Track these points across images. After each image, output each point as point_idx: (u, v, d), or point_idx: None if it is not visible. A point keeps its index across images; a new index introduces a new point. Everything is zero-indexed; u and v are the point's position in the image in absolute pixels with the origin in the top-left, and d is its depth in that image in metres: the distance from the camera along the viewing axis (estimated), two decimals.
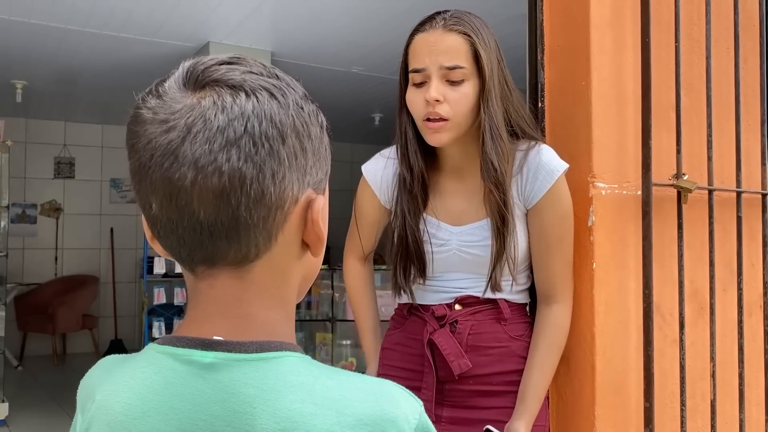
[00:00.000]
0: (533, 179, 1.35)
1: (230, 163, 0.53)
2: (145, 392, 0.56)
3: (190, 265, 0.59)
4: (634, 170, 1.49)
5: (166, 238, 0.57)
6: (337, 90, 5.78)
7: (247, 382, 0.54)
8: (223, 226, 0.55)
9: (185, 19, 4.14)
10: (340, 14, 4.07)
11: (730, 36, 1.63)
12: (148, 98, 0.57)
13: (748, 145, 1.70)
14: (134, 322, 7.32)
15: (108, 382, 0.59)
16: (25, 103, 5.96)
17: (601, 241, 1.45)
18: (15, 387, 5.36)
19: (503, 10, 3.81)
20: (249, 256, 0.57)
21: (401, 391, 0.58)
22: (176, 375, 0.55)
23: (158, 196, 0.55)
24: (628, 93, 1.51)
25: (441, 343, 1.37)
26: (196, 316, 0.59)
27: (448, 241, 1.39)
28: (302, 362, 0.56)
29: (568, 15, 1.53)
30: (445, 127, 1.31)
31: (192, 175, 0.53)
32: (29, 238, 7.01)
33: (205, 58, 0.58)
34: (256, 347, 0.55)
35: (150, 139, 0.55)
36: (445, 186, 1.42)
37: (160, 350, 0.57)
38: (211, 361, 0.55)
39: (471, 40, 1.29)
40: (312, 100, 0.61)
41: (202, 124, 0.54)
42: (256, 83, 0.56)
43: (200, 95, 0.55)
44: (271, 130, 0.55)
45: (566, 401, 1.50)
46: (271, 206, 0.56)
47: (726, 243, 1.63)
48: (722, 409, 1.56)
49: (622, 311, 1.47)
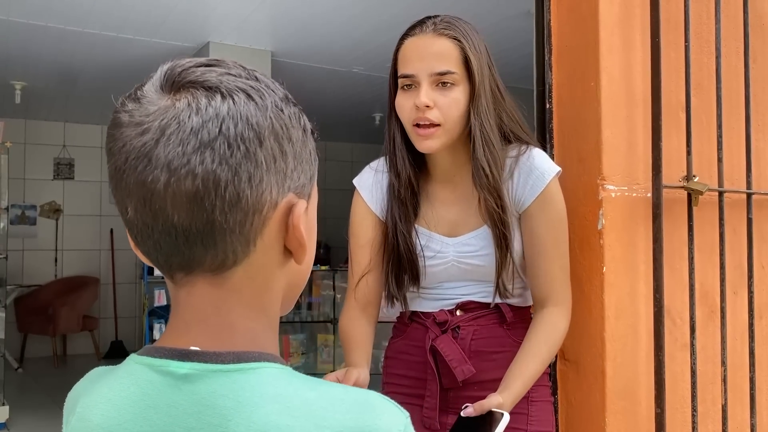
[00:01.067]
0: (524, 183, 1.32)
1: (204, 166, 0.52)
2: (122, 403, 0.55)
3: (168, 271, 0.57)
4: (644, 172, 1.47)
5: (144, 243, 0.56)
6: (337, 90, 5.76)
7: (223, 394, 0.52)
8: (198, 231, 0.53)
9: (185, 19, 4.12)
10: (340, 14, 4.05)
11: (740, 35, 1.60)
12: (127, 102, 0.56)
13: (758, 145, 1.68)
14: (135, 324, 7.30)
15: (89, 393, 0.59)
16: (25, 103, 5.94)
17: (611, 244, 1.43)
18: (15, 389, 5.34)
19: (508, 8, 3.79)
20: (227, 262, 0.55)
21: (385, 403, 0.55)
22: (152, 386, 0.54)
23: (133, 199, 0.54)
24: (637, 93, 1.49)
25: (443, 349, 1.35)
26: (176, 325, 0.57)
27: (444, 252, 1.36)
28: (281, 373, 0.55)
29: (576, 14, 1.51)
30: (435, 134, 1.28)
31: (165, 178, 0.52)
32: (29, 239, 6.99)
33: (184, 60, 0.57)
34: (232, 358, 0.54)
35: (125, 142, 0.54)
36: (437, 195, 1.40)
37: (139, 361, 0.56)
38: (186, 372, 0.53)
39: (461, 45, 1.28)
40: (294, 103, 0.59)
41: (176, 126, 0.52)
42: (233, 84, 0.55)
43: (176, 97, 0.54)
44: (247, 132, 0.53)
45: (575, 407, 1.47)
46: (248, 210, 0.54)
47: (736, 245, 1.61)
48: (733, 413, 1.54)
49: (633, 315, 1.45)
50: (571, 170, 1.50)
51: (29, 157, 7.01)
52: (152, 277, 5.01)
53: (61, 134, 7.17)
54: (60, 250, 7.14)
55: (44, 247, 7.08)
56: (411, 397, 1.40)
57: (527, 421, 1.34)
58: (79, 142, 7.22)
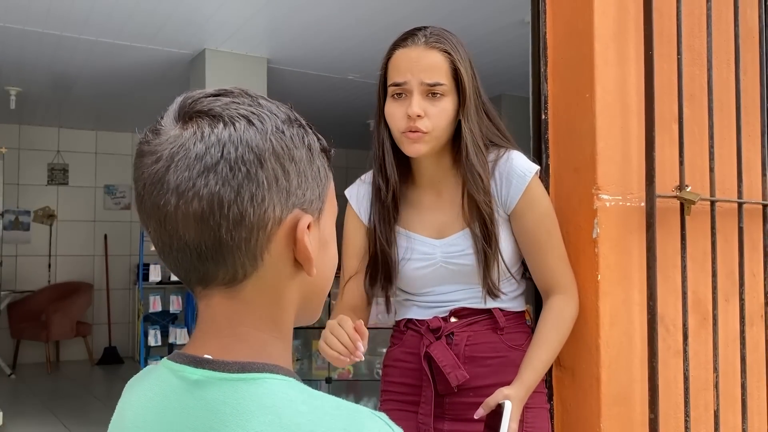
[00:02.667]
0: (507, 184, 1.38)
1: (208, 188, 0.56)
2: (148, 403, 0.60)
3: (189, 285, 0.63)
4: (638, 182, 1.50)
5: (166, 260, 0.62)
6: (332, 96, 5.78)
7: (224, 401, 0.56)
8: (208, 249, 0.58)
9: (181, 26, 4.14)
10: (336, 22, 4.08)
11: (731, 48, 1.64)
12: (148, 133, 0.61)
13: (749, 155, 1.71)
14: (128, 329, 7.28)
15: (130, 390, 0.64)
16: (19, 109, 5.94)
17: (606, 252, 1.45)
18: (8, 395, 5.32)
19: (505, 17, 3.82)
20: (237, 276, 0.60)
21: (375, 420, 0.57)
22: (171, 389, 0.59)
23: (152, 221, 0.60)
24: (631, 105, 1.52)
25: (437, 356, 1.37)
26: (196, 334, 0.63)
27: (431, 254, 1.40)
28: (282, 385, 0.57)
29: (572, 27, 1.54)
30: (423, 138, 1.34)
31: (175, 201, 0.57)
32: (22, 245, 6.97)
33: (197, 92, 0.61)
34: (238, 368, 0.58)
35: (143, 171, 0.60)
36: (422, 201, 1.45)
37: (165, 365, 0.62)
38: (197, 378, 0.58)
39: (451, 58, 1.33)
40: (301, 124, 0.62)
41: (183, 153, 0.57)
42: (235, 112, 0.59)
43: (184, 127, 0.59)
44: (248, 154, 0.57)
45: (571, 413, 1.50)
46: (252, 227, 0.58)
47: (728, 254, 1.64)
48: (725, 419, 1.56)
49: (627, 323, 1.48)
50: (567, 180, 1.53)
51: (23, 162, 7.00)
52: (147, 283, 5.01)
53: (55, 140, 7.16)
54: (54, 256, 7.12)
55: (38, 253, 7.06)
56: (407, 404, 1.43)
57: (522, 428, 1.36)
58: (73, 148, 7.22)
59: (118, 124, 7.06)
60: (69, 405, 5.19)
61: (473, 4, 3.70)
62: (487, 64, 4.32)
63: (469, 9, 3.73)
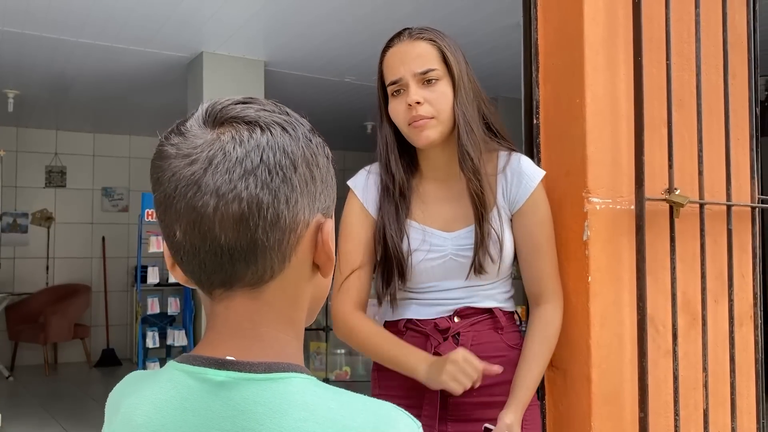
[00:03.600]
0: (517, 183, 1.42)
1: (248, 191, 0.58)
2: (163, 406, 0.60)
3: (208, 288, 0.63)
4: (628, 185, 1.52)
5: (189, 263, 0.62)
6: (329, 99, 5.81)
7: (255, 401, 0.57)
8: (243, 249, 0.60)
9: (179, 29, 4.16)
10: (333, 25, 4.10)
11: (719, 53, 1.66)
12: (171, 136, 0.62)
13: (738, 159, 1.73)
14: (126, 331, 7.29)
15: (132, 395, 0.64)
16: (17, 111, 5.95)
17: (596, 254, 1.48)
18: (6, 397, 5.33)
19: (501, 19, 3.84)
20: (264, 277, 0.62)
21: (400, 414, 0.61)
22: (191, 392, 0.59)
23: (182, 223, 0.60)
24: (621, 110, 1.54)
25: None
26: (212, 337, 0.63)
27: (442, 246, 1.42)
28: (307, 383, 0.60)
29: (563, 34, 1.56)
30: (430, 124, 1.38)
31: (214, 203, 0.58)
32: (20, 247, 6.98)
33: (222, 99, 0.64)
34: (264, 368, 0.59)
35: (174, 172, 0.60)
36: (431, 194, 1.47)
37: (179, 368, 0.62)
38: (222, 380, 0.59)
39: (437, 44, 1.39)
40: (318, 133, 0.66)
41: (222, 156, 0.59)
42: (270, 119, 0.62)
43: (219, 131, 0.61)
44: (284, 159, 0.60)
45: (562, 412, 1.52)
46: (286, 229, 0.61)
47: (717, 255, 1.66)
48: (714, 418, 1.59)
49: (617, 323, 1.50)
50: (558, 183, 1.55)
51: (21, 164, 7.01)
52: (145, 284, 5.03)
53: (53, 142, 7.18)
54: (52, 258, 7.13)
55: (36, 255, 7.07)
56: (408, 408, 1.41)
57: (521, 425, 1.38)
58: (71, 150, 7.23)
59: (115, 126, 7.08)
60: (67, 407, 5.21)
61: (470, 6, 3.73)
62: (484, 66, 4.34)
63: (465, 11, 3.76)
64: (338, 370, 4.79)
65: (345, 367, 4.63)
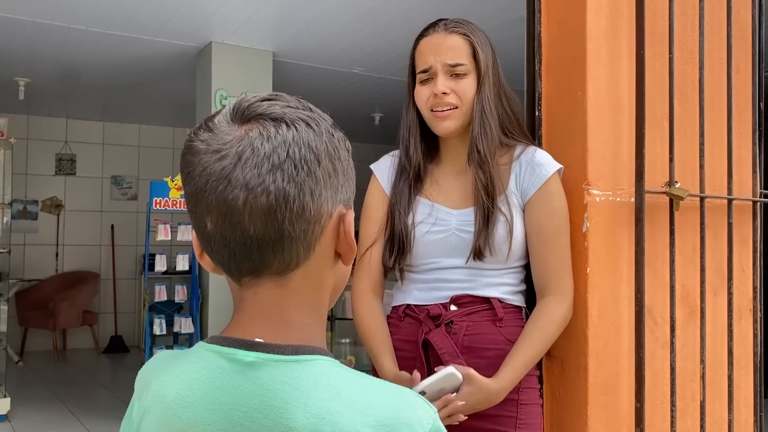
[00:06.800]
0: (530, 172, 1.44)
1: (276, 184, 0.62)
2: (194, 384, 0.63)
3: (237, 276, 0.67)
4: (628, 178, 1.53)
5: (219, 252, 0.65)
6: (338, 90, 5.81)
7: (283, 381, 0.61)
8: (270, 239, 0.63)
9: (188, 18, 4.18)
10: (342, 16, 4.11)
11: (723, 47, 1.66)
12: (200, 132, 0.66)
13: (740, 153, 1.74)
14: (134, 318, 7.36)
15: (162, 373, 0.67)
16: (28, 100, 6.00)
17: (596, 246, 1.49)
18: (16, 382, 5.40)
19: (508, 12, 3.84)
20: (290, 265, 0.65)
21: (418, 399, 0.65)
22: (221, 371, 0.63)
23: (213, 215, 0.63)
24: (623, 102, 1.55)
25: (436, 342, 1.39)
26: (240, 320, 0.67)
27: (446, 221, 1.45)
28: (331, 366, 0.63)
29: (565, 27, 1.57)
30: (452, 115, 1.43)
31: (243, 196, 0.62)
32: (30, 234, 7.05)
33: (248, 97, 0.67)
34: (292, 350, 0.63)
35: (205, 167, 0.63)
36: (445, 178, 1.51)
37: (209, 348, 0.65)
38: (252, 360, 0.62)
39: (470, 40, 1.44)
40: (339, 128, 0.70)
41: (250, 152, 0.62)
42: (294, 115, 0.65)
43: (247, 127, 0.64)
44: (309, 154, 0.64)
45: (560, 401, 1.54)
46: (311, 220, 0.64)
47: (717, 248, 1.67)
48: (711, 409, 1.60)
49: (615, 314, 1.52)
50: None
51: (31, 152, 7.07)
52: (153, 273, 5.07)
53: (63, 130, 7.22)
54: (61, 245, 7.20)
55: (45, 242, 7.13)
56: None
57: (515, 424, 1.39)
58: (80, 138, 7.28)
59: (125, 115, 7.12)
60: (75, 392, 5.27)
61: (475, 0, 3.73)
62: None
63: (472, 3, 3.76)
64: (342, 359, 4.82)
65: (349, 356, 4.66)
